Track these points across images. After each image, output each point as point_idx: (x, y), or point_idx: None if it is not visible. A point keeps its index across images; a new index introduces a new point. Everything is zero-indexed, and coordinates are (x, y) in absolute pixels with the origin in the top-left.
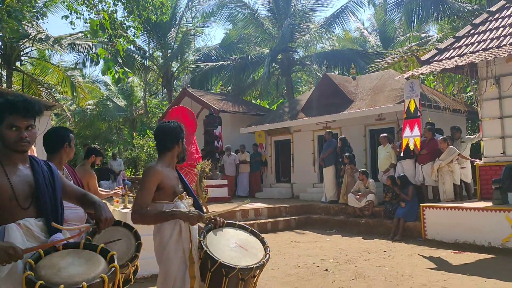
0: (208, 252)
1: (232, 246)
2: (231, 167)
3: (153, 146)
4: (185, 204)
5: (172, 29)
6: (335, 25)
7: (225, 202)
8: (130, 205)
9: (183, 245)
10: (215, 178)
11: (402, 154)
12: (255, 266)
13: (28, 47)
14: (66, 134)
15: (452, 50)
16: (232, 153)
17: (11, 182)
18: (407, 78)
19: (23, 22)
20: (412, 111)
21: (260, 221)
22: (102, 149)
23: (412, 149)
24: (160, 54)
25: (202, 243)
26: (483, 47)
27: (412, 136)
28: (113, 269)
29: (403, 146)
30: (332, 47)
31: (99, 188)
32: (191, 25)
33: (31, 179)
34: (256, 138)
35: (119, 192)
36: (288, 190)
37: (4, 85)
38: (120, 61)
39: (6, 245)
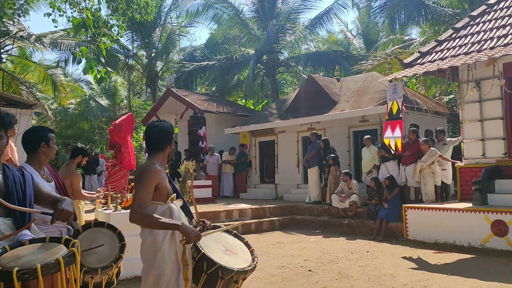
0: (206, 255)
1: (223, 249)
2: (214, 167)
3: (136, 146)
4: (177, 206)
5: (157, 29)
6: (320, 27)
7: (209, 202)
8: (112, 205)
9: (175, 247)
10: (199, 179)
11: (386, 155)
12: (249, 269)
13: (9, 44)
14: (44, 133)
15: (434, 54)
16: (215, 153)
17: None
18: (390, 81)
19: (4, 19)
20: (394, 113)
21: (244, 221)
22: (89, 149)
23: (393, 149)
24: (144, 53)
25: (198, 246)
26: (464, 51)
27: (393, 137)
28: (70, 252)
29: (387, 145)
30: (316, 48)
31: (82, 191)
32: (175, 24)
33: (1, 183)
34: (241, 139)
35: (101, 196)
36: (272, 191)
37: None
38: (103, 60)
39: None
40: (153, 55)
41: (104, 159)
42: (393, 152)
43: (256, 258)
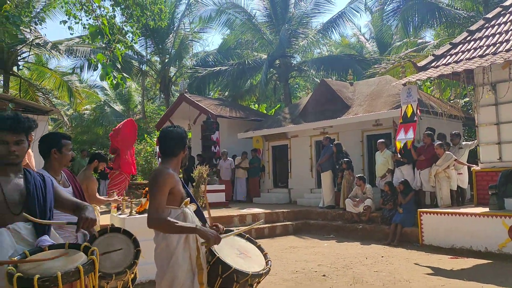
0: (221, 258)
1: (237, 253)
2: (227, 172)
3: (150, 150)
4: (190, 210)
5: (170, 35)
6: (332, 31)
7: (222, 207)
8: (127, 210)
9: (190, 251)
10: (212, 183)
11: (399, 155)
12: (263, 272)
13: (25, 52)
14: (55, 140)
15: (448, 57)
16: (228, 158)
17: (3, 190)
18: (404, 84)
19: (21, 27)
20: (409, 116)
21: (258, 226)
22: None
23: (400, 147)
24: (158, 59)
25: (213, 250)
26: (479, 53)
27: (405, 139)
28: (90, 260)
29: (398, 149)
30: (329, 52)
31: (98, 196)
32: (188, 30)
33: (23, 188)
34: (254, 144)
35: (118, 199)
36: (286, 196)
37: (1, 90)
38: (119, 66)
39: None
40: (166, 61)
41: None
42: (400, 151)
43: (269, 261)
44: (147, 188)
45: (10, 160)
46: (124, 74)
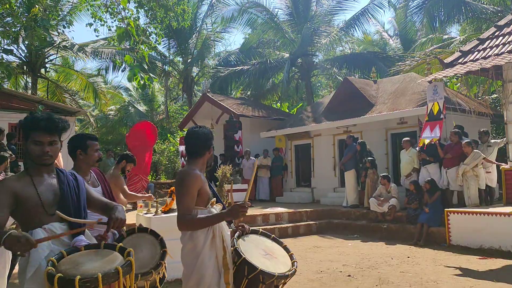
0: (247, 259)
1: (263, 254)
2: (250, 171)
3: (173, 150)
4: (216, 210)
5: (193, 35)
6: (355, 28)
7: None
8: (152, 210)
9: (216, 251)
10: (235, 183)
11: (421, 152)
12: (289, 273)
13: (53, 54)
14: (80, 141)
15: (476, 53)
16: (251, 157)
17: (38, 191)
18: (430, 81)
19: (49, 30)
20: (435, 114)
21: (281, 225)
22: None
23: (424, 144)
24: (181, 59)
25: (239, 250)
26: (508, 49)
27: (430, 137)
28: (128, 262)
29: (419, 145)
30: (352, 50)
31: (129, 192)
32: (211, 30)
33: (57, 188)
34: (276, 143)
35: (152, 197)
36: (309, 195)
37: (30, 91)
38: (146, 67)
39: (19, 234)
40: (189, 61)
41: None
42: (422, 148)
43: (295, 262)
44: (172, 188)
45: (44, 161)
46: (151, 75)
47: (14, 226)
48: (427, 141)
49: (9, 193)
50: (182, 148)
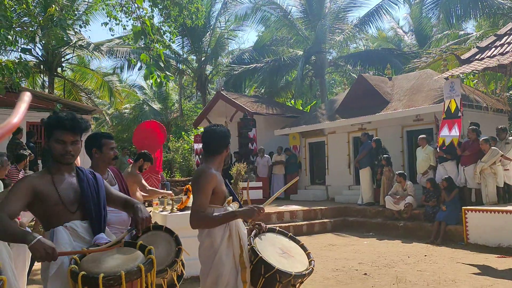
0: (264, 258)
1: (280, 252)
2: (264, 169)
3: (188, 148)
4: (233, 208)
5: (207, 33)
6: (370, 25)
7: (260, 204)
8: (168, 207)
9: (233, 249)
10: (250, 181)
11: (439, 151)
12: (307, 272)
13: (69, 53)
14: (95, 140)
15: (493, 49)
16: (265, 155)
17: (57, 189)
18: (447, 78)
19: (67, 30)
20: (452, 111)
21: (296, 223)
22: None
23: (444, 143)
24: (194, 57)
25: (255, 249)
26: None
27: (450, 136)
28: (149, 260)
29: (439, 144)
30: (366, 47)
31: (149, 188)
32: (224, 28)
33: (77, 186)
34: (290, 140)
35: (172, 194)
36: (323, 192)
37: (47, 90)
38: (162, 65)
39: (48, 244)
40: (203, 59)
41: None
42: (441, 147)
43: (313, 261)
44: (187, 186)
45: (66, 160)
46: (167, 73)
47: (33, 223)
48: (447, 141)
49: (29, 189)
50: (196, 146)
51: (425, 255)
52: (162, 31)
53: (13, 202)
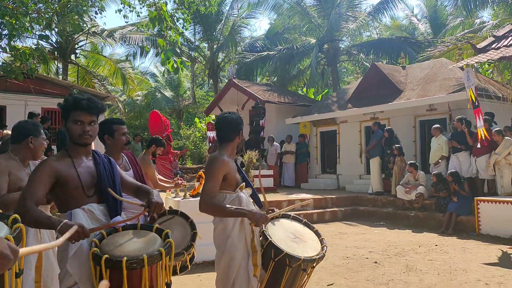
0: (273, 242)
1: (292, 237)
2: (272, 157)
3: (199, 136)
4: (245, 194)
5: (219, 21)
6: (384, 13)
7: (271, 192)
8: (181, 194)
9: (245, 233)
10: (262, 168)
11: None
12: (317, 257)
13: (82, 40)
14: (106, 126)
15: (510, 38)
16: (274, 143)
17: (78, 173)
18: (462, 67)
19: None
20: (474, 101)
21: (307, 211)
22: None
23: (484, 133)
24: (206, 45)
25: (266, 233)
26: None
27: (480, 126)
28: (168, 243)
29: (479, 137)
30: (379, 35)
31: (160, 178)
32: (237, 15)
33: (94, 170)
34: (301, 129)
35: (181, 183)
36: (334, 181)
37: (61, 77)
38: (178, 51)
39: (74, 224)
40: (215, 47)
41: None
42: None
43: (325, 247)
44: (200, 172)
45: (83, 140)
46: (184, 58)
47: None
48: (482, 132)
49: (50, 173)
50: (210, 134)
51: (436, 245)
52: (175, 18)
53: (37, 188)
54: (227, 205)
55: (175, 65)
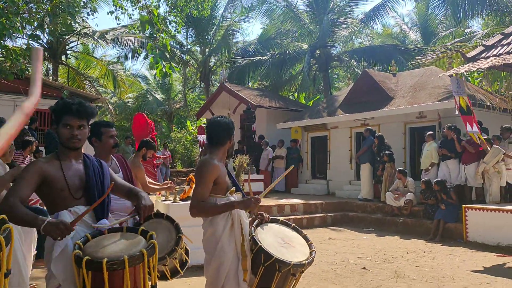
0: (263, 247)
1: (281, 242)
2: (264, 162)
3: (190, 139)
4: (235, 199)
5: (212, 25)
6: (375, 20)
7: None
8: (171, 197)
9: (235, 238)
10: (252, 173)
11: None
12: (306, 262)
13: (73, 41)
14: (94, 129)
15: (500, 47)
16: (268, 148)
17: (65, 175)
18: (451, 75)
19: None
20: (465, 109)
21: (296, 216)
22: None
23: (480, 138)
24: (198, 48)
25: (256, 238)
26: None
27: (474, 132)
28: (151, 244)
29: (476, 141)
30: (370, 42)
31: (149, 181)
32: (229, 20)
33: (83, 173)
34: (292, 134)
35: (172, 185)
36: (324, 187)
37: (51, 78)
38: (168, 56)
39: (56, 221)
40: (208, 50)
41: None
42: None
43: (314, 251)
44: (190, 176)
45: (72, 144)
46: (173, 64)
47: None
48: (476, 136)
49: (38, 173)
50: (200, 137)
51: (424, 252)
52: (168, 21)
53: (23, 187)
54: (214, 203)
55: (164, 70)
